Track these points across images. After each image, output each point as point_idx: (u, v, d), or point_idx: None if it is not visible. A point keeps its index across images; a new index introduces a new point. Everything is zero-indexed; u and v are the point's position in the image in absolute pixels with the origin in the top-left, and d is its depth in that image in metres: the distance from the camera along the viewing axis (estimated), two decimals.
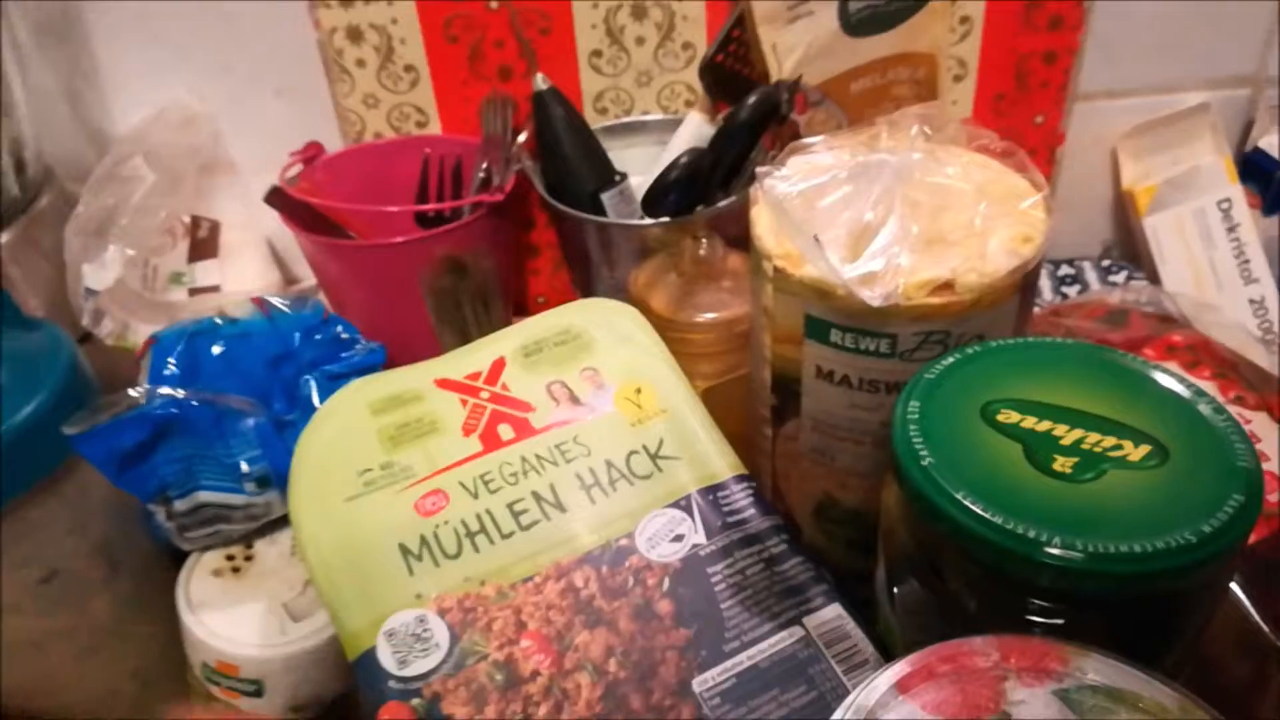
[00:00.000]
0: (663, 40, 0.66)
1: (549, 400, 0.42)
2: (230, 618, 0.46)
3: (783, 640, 0.36)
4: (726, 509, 0.40)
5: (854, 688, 0.34)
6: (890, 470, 0.37)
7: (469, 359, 0.44)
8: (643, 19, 0.65)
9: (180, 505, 0.45)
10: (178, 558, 0.49)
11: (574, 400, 0.43)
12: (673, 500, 0.40)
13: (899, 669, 0.30)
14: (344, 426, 0.41)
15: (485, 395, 0.43)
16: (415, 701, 0.34)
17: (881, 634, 0.39)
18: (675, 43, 0.66)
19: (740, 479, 0.42)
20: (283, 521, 0.49)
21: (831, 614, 0.38)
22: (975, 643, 0.30)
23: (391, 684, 0.35)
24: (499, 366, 0.44)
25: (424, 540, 0.38)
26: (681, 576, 0.38)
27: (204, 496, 0.45)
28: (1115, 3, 0.66)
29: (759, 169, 0.41)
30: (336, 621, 0.37)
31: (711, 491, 0.41)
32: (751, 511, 0.40)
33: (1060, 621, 0.32)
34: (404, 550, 0.37)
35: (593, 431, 0.42)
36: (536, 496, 0.39)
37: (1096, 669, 0.29)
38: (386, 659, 0.35)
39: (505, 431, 0.41)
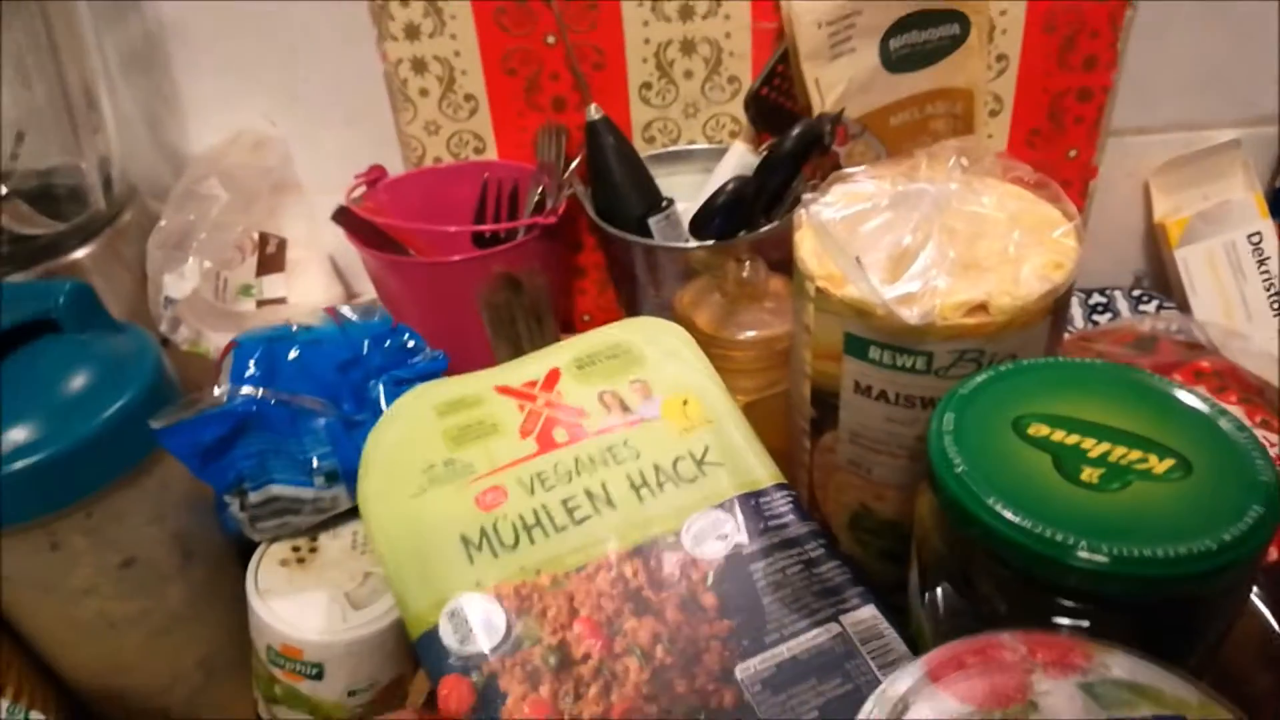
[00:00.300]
0: (710, 74, 0.69)
1: (601, 408, 0.45)
2: (295, 604, 0.48)
3: (820, 635, 0.38)
4: (768, 514, 0.42)
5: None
6: (925, 479, 0.39)
7: (526, 368, 0.47)
8: (691, 54, 0.69)
9: (254, 497, 0.48)
10: (245, 552, 0.52)
11: (624, 408, 0.45)
12: (717, 502, 0.42)
13: (930, 659, 0.32)
14: (411, 426, 0.44)
15: (541, 401, 0.45)
16: (474, 676, 0.36)
17: (914, 637, 0.41)
18: (721, 76, 0.70)
19: (780, 487, 0.43)
20: (346, 516, 0.52)
21: (867, 614, 0.39)
22: (1003, 637, 0.32)
23: (452, 660, 0.37)
24: (554, 376, 0.46)
25: (484, 532, 0.40)
26: (725, 572, 0.40)
27: (276, 490, 0.48)
28: (1149, 42, 0.68)
29: (805, 195, 0.43)
30: (401, 603, 0.39)
31: (753, 497, 0.42)
32: (791, 518, 0.42)
33: (1086, 624, 0.34)
34: (465, 541, 0.40)
35: (642, 437, 0.44)
36: (589, 494, 0.41)
37: (1120, 664, 0.31)
38: (448, 637, 0.37)
39: (560, 434, 0.44)
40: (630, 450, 0.43)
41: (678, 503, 0.42)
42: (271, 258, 0.72)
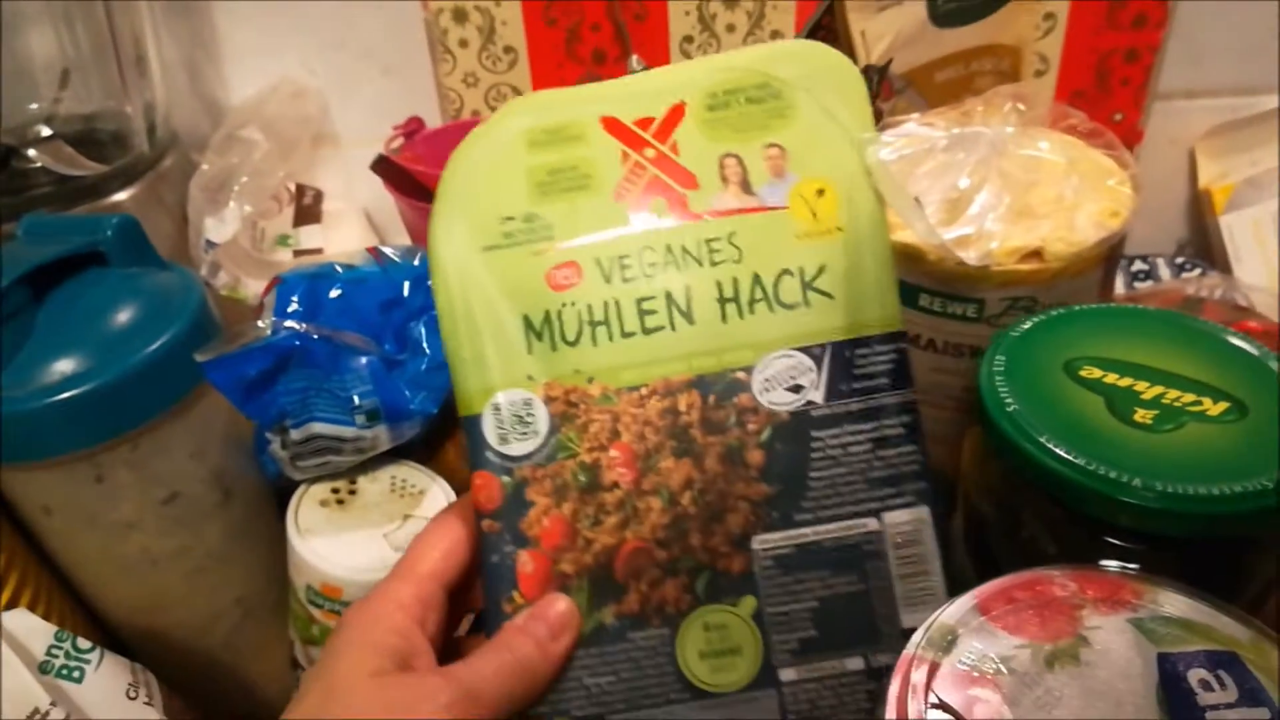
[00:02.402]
0: (752, 28, 0.69)
1: (718, 179, 0.37)
2: (335, 544, 0.48)
3: (855, 528, 0.35)
4: (859, 371, 0.36)
5: (901, 593, 0.35)
6: (973, 421, 0.39)
7: (646, 99, 0.38)
8: (734, 6, 0.68)
9: (295, 434, 0.48)
10: (281, 495, 0.52)
11: (745, 185, 0.37)
12: (805, 344, 0.36)
13: (980, 592, 0.32)
14: (497, 156, 0.37)
15: (650, 154, 0.37)
16: (505, 479, 0.35)
17: (957, 587, 0.41)
18: (764, 30, 0.69)
19: (890, 338, 0.36)
20: (384, 459, 0.52)
21: (913, 516, 0.36)
22: (1053, 573, 0.32)
23: (489, 455, 0.35)
24: (676, 116, 0.37)
25: (548, 318, 0.36)
26: (783, 431, 0.36)
27: (317, 428, 0.48)
28: (1199, 3, 0.67)
29: (862, 136, 0.42)
30: (452, 372, 0.36)
31: (851, 347, 0.36)
32: (884, 380, 0.36)
33: (1136, 566, 0.34)
34: (528, 323, 0.36)
35: (753, 232, 0.36)
36: (669, 298, 0.36)
37: (1171, 602, 0.30)
38: (489, 431, 0.36)
39: (658, 207, 0.37)
40: (733, 249, 0.36)
41: (763, 333, 0.36)
42: (308, 209, 0.72)
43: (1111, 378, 0.37)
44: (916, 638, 0.30)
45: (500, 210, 0.37)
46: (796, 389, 0.36)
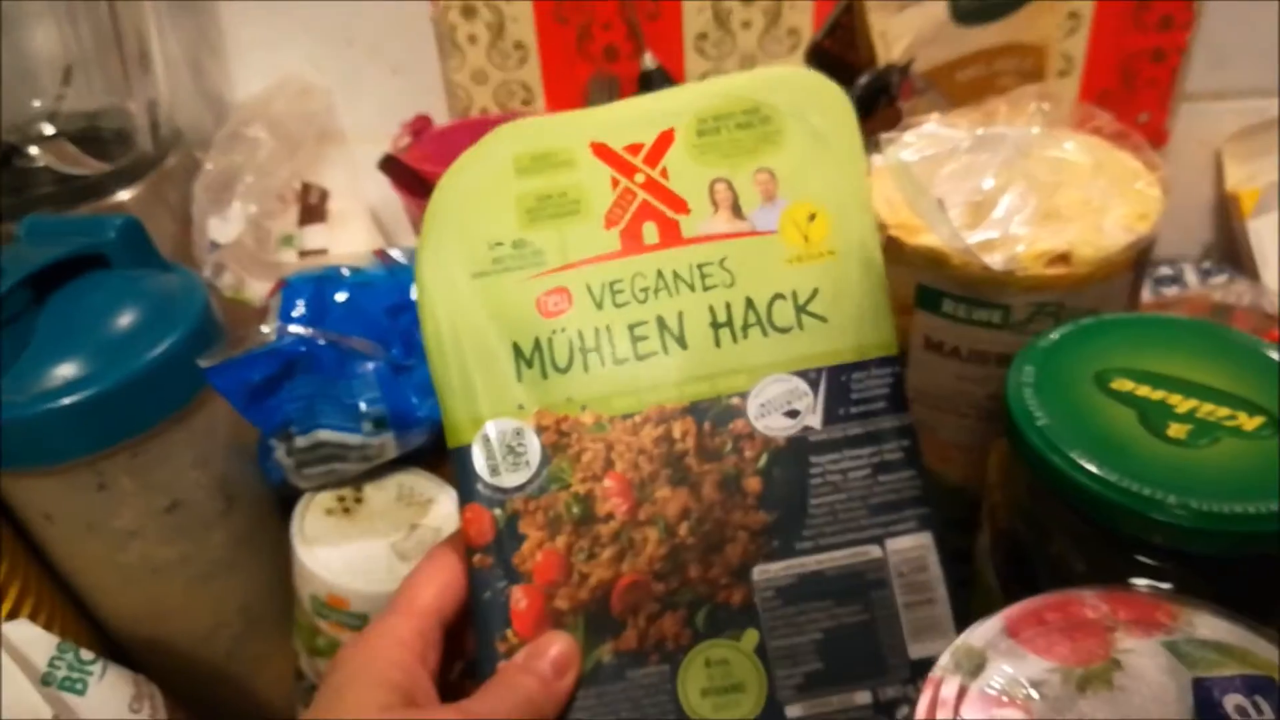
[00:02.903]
0: (769, 26, 0.68)
1: (708, 203, 0.37)
2: (342, 554, 0.48)
3: (857, 556, 0.35)
4: (856, 396, 0.36)
5: (907, 623, 0.34)
6: (1001, 434, 0.38)
7: (635, 125, 0.38)
8: (750, 4, 0.67)
9: (301, 442, 0.47)
10: (286, 503, 0.52)
11: (735, 210, 0.37)
12: (801, 368, 0.36)
13: (1009, 614, 0.31)
14: (486, 180, 0.37)
15: (640, 179, 0.37)
16: (497, 511, 0.35)
17: (985, 598, 0.39)
18: (780, 28, 0.68)
19: (886, 362, 0.36)
20: (390, 467, 0.51)
21: (917, 542, 0.35)
22: (1084, 594, 0.31)
23: (480, 488, 0.35)
24: (665, 142, 0.37)
25: (538, 345, 0.35)
26: (781, 457, 0.35)
27: (323, 435, 0.47)
28: (1226, 3, 0.65)
29: (883, 136, 0.41)
30: (440, 402, 0.36)
31: (847, 371, 0.36)
32: (882, 405, 0.36)
33: (1168, 585, 0.33)
34: (517, 351, 0.35)
35: (744, 256, 0.36)
36: (661, 323, 0.36)
37: (1205, 624, 0.29)
38: (479, 462, 0.35)
39: (649, 233, 0.36)
40: (725, 274, 0.36)
41: (757, 357, 0.36)
42: (314, 208, 0.71)
43: (1144, 390, 0.36)
44: (943, 660, 0.29)
45: (489, 236, 0.36)
46: (793, 414, 0.35)
